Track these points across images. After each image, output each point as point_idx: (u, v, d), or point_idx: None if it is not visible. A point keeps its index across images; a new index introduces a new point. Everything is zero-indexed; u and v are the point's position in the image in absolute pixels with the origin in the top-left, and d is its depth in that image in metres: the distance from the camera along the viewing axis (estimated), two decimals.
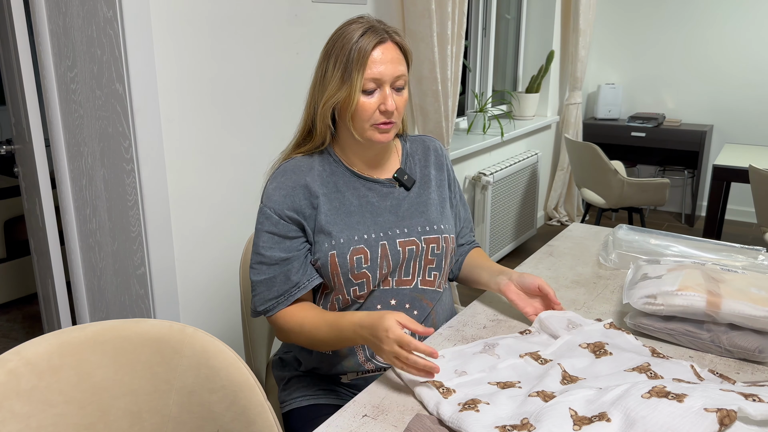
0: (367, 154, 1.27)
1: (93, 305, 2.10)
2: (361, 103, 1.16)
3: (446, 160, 1.40)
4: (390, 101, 1.17)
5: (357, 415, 1.01)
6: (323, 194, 1.23)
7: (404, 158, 1.34)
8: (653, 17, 4.74)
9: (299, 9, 2.16)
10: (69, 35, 1.81)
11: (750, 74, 4.49)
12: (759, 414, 0.85)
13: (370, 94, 1.17)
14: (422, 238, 1.26)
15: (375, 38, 1.16)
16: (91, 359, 0.99)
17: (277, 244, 1.21)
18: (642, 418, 0.85)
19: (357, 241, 1.21)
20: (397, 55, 1.18)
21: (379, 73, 1.15)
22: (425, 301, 1.28)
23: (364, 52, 1.14)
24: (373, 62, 1.15)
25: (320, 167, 1.26)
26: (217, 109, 1.95)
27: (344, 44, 1.16)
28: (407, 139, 1.38)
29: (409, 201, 1.29)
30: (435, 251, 1.27)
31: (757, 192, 2.95)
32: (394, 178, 1.30)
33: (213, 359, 1.00)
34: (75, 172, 1.97)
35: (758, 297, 1.16)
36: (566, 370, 1.07)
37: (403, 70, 1.20)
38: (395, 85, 1.18)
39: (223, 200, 2.02)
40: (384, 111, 1.17)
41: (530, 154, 4.10)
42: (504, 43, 4.44)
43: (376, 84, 1.16)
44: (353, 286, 1.22)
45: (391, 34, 1.19)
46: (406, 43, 1.22)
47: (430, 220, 1.29)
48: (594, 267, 1.62)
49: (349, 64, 1.15)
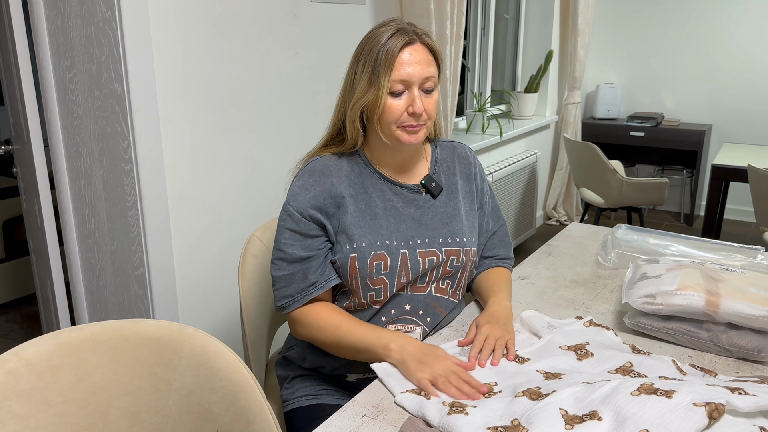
0: (395, 158, 1.26)
1: (92, 305, 2.09)
2: (388, 105, 1.16)
3: (476, 169, 1.37)
4: (418, 103, 1.16)
5: (356, 415, 1.01)
6: (350, 195, 1.23)
7: (433, 164, 1.32)
8: (652, 17, 4.75)
9: (298, 9, 2.16)
10: (68, 35, 1.81)
11: (749, 74, 4.49)
12: (747, 406, 0.86)
13: (398, 96, 1.16)
14: (443, 249, 1.25)
15: (403, 40, 1.15)
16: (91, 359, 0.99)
17: (298, 241, 1.21)
18: (633, 415, 0.86)
19: (378, 247, 1.21)
20: (426, 56, 1.17)
21: (406, 74, 1.15)
22: (439, 308, 1.28)
23: (392, 54, 1.14)
24: (401, 64, 1.14)
25: (348, 168, 1.25)
26: (215, 109, 1.94)
27: (373, 46, 1.16)
28: (438, 144, 1.36)
29: (434, 209, 1.28)
30: (454, 263, 1.27)
31: (755, 191, 2.95)
32: (421, 184, 1.29)
33: (212, 359, 1.00)
34: (74, 173, 1.97)
35: (757, 296, 1.17)
36: (548, 371, 1.08)
37: (433, 72, 1.19)
38: (424, 86, 1.17)
39: (222, 200, 2.02)
40: (412, 113, 1.17)
41: (529, 153, 4.10)
42: (503, 43, 4.44)
43: (404, 86, 1.16)
44: (370, 291, 1.22)
45: (420, 36, 1.18)
46: (436, 44, 1.21)
47: (453, 232, 1.27)
48: (593, 267, 1.62)
49: (377, 66, 1.14)
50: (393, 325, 1.24)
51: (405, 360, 1.08)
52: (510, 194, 3.86)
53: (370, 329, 1.16)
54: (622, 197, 3.60)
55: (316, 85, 2.30)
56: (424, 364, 1.06)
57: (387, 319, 1.24)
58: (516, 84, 4.57)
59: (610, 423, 0.87)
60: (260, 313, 1.48)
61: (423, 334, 1.26)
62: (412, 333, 1.25)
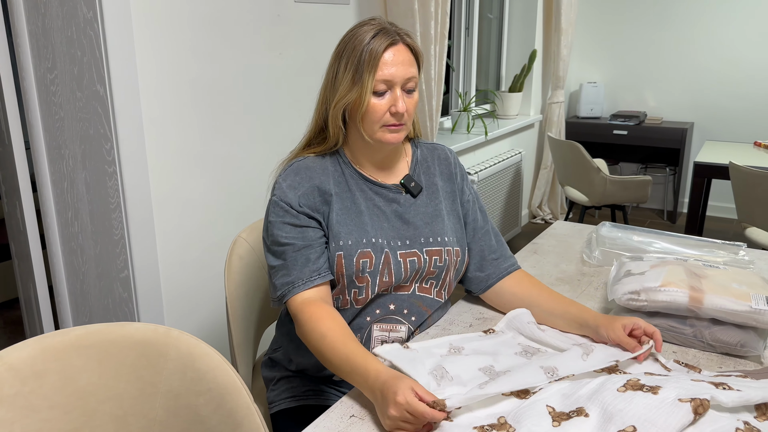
0: (375, 157, 1.26)
1: (76, 309, 2.07)
2: (371, 105, 1.16)
3: (456, 169, 1.37)
4: (401, 103, 1.17)
5: (344, 415, 1.01)
6: (336, 193, 1.23)
7: (414, 164, 1.33)
8: (634, 16, 4.79)
9: (282, 9, 2.16)
10: (48, 36, 1.79)
11: (729, 72, 4.55)
12: (731, 401, 0.88)
13: (380, 95, 1.17)
14: (424, 250, 1.25)
15: (386, 40, 1.15)
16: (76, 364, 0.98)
17: (299, 233, 1.19)
18: (619, 411, 0.86)
19: (365, 244, 1.20)
20: (408, 57, 1.18)
21: (390, 74, 1.15)
22: (423, 307, 1.28)
23: (376, 54, 1.14)
24: (384, 64, 1.15)
25: (332, 167, 1.25)
26: (199, 109, 1.93)
27: (355, 45, 1.16)
28: (419, 145, 1.36)
29: (415, 209, 1.28)
30: (437, 263, 1.26)
31: (737, 188, 2.99)
32: (401, 184, 1.29)
33: (199, 362, 1.00)
34: (56, 175, 1.95)
35: (739, 292, 1.18)
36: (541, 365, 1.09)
37: (414, 72, 1.20)
38: (406, 87, 1.18)
39: (207, 201, 2.01)
40: (395, 113, 1.17)
41: (514, 152, 4.12)
42: (487, 43, 4.46)
43: (387, 86, 1.16)
44: (355, 288, 1.22)
45: (402, 36, 1.19)
46: (417, 45, 1.22)
47: (435, 231, 1.27)
48: (578, 264, 1.63)
49: (361, 65, 1.15)
50: (378, 325, 1.24)
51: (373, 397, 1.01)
52: (495, 193, 3.88)
53: (348, 356, 1.06)
54: (606, 195, 3.63)
55: (300, 85, 2.30)
56: (382, 414, 0.97)
57: (372, 319, 1.24)
58: (500, 83, 4.59)
59: (597, 419, 0.88)
60: (246, 315, 1.47)
61: (408, 333, 1.26)
62: (397, 332, 1.25)
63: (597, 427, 0.87)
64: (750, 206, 2.94)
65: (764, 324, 1.14)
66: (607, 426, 0.86)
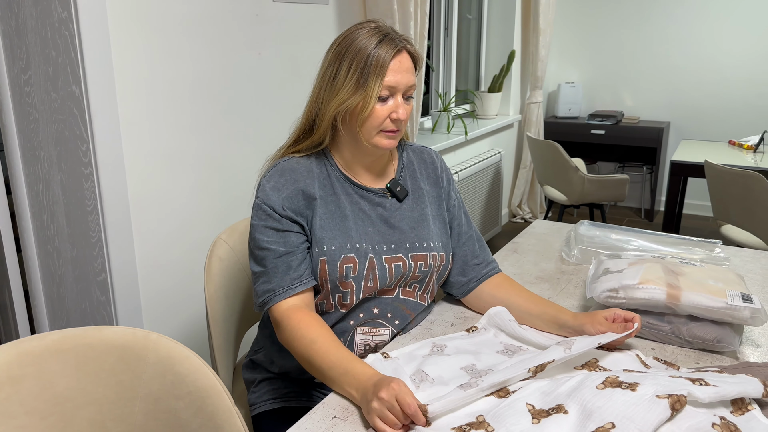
0: (365, 160, 1.26)
1: (53, 313, 2.04)
2: (375, 110, 1.16)
3: (442, 173, 1.37)
4: (402, 110, 1.17)
5: (326, 416, 1.00)
6: (320, 197, 1.22)
7: (400, 168, 1.33)
8: (611, 17, 4.84)
9: (260, 9, 2.14)
10: (22, 36, 1.76)
11: (704, 73, 4.62)
12: (707, 397, 0.89)
13: (384, 101, 1.17)
14: (409, 255, 1.25)
15: (393, 47, 1.16)
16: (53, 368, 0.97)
17: (281, 238, 1.19)
18: (598, 408, 0.87)
19: (348, 249, 1.20)
20: (410, 64, 1.19)
21: (395, 81, 1.16)
22: (407, 311, 1.28)
23: (384, 60, 1.15)
24: (391, 70, 1.15)
25: (317, 169, 1.24)
26: (178, 110, 1.92)
27: (360, 49, 1.15)
28: (406, 148, 1.36)
29: (401, 213, 1.28)
30: (422, 268, 1.26)
31: (712, 187, 3.03)
32: (386, 188, 1.29)
33: (179, 365, 0.99)
34: (31, 177, 1.92)
35: (716, 289, 1.20)
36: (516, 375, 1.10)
37: (415, 80, 1.21)
38: (406, 94, 1.19)
39: (186, 203, 2.00)
40: (395, 119, 1.18)
41: (494, 152, 4.15)
42: (466, 43, 4.48)
43: (390, 92, 1.17)
44: (339, 293, 1.21)
45: (405, 43, 1.19)
46: (418, 51, 1.23)
47: (421, 236, 1.27)
48: (557, 263, 1.65)
49: (366, 70, 1.14)
50: (362, 329, 1.24)
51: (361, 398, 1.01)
52: (476, 193, 3.90)
53: (340, 360, 1.07)
54: (584, 194, 3.67)
55: (279, 84, 2.29)
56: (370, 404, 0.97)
57: (355, 323, 1.24)
58: (480, 84, 4.61)
59: (576, 416, 0.89)
60: (227, 317, 1.46)
61: (391, 336, 1.26)
62: (380, 336, 1.25)
63: (576, 423, 0.87)
64: (725, 204, 2.99)
65: (739, 320, 1.16)
66: (587, 423, 0.87)
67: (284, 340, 1.17)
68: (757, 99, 4.49)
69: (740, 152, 3.60)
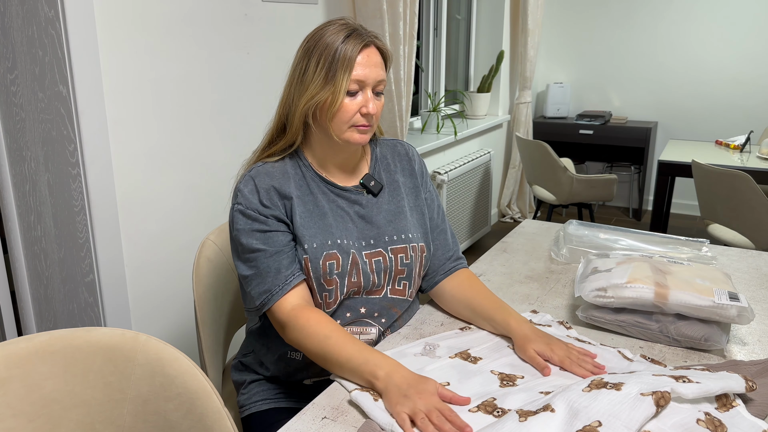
0: (338, 157, 1.26)
1: (40, 315, 2.03)
2: (344, 105, 1.16)
3: (416, 165, 1.37)
4: (371, 104, 1.17)
5: (316, 417, 1.00)
6: (297, 197, 1.22)
7: (373, 163, 1.33)
8: (599, 17, 4.87)
9: (249, 8, 2.14)
10: (8, 36, 1.74)
11: (691, 73, 4.66)
12: (691, 393, 0.90)
13: (353, 96, 1.17)
14: (389, 248, 1.25)
15: (360, 41, 1.16)
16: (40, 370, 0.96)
17: (269, 239, 1.18)
18: (585, 408, 0.88)
19: (330, 246, 1.20)
20: (379, 59, 1.19)
21: (363, 75, 1.16)
22: (394, 309, 1.28)
23: (351, 54, 1.15)
24: (359, 64, 1.16)
25: (292, 171, 1.24)
26: (166, 110, 1.91)
27: (328, 45, 1.16)
28: (378, 143, 1.37)
29: (378, 208, 1.28)
30: (404, 261, 1.26)
31: (699, 186, 3.06)
32: (360, 184, 1.29)
33: (168, 367, 0.98)
34: (17, 178, 1.90)
35: (703, 287, 1.21)
36: (502, 371, 1.11)
37: (384, 75, 1.21)
38: (376, 89, 1.19)
39: (174, 203, 1.99)
40: (365, 114, 1.18)
41: (483, 152, 4.16)
42: (455, 44, 4.49)
43: (359, 86, 1.17)
44: (325, 291, 1.21)
45: (373, 39, 1.19)
46: (387, 47, 1.23)
47: (399, 229, 1.28)
48: (546, 262, 1.65)
49: (334, 65, 1.15)
50: (349, 328, 1.24)
51: (388, 390, 1.01)
52: (465, 193, 3.91)
53: (360, 350, 1.08)
54: (573, 194, 3.69)
55: (268, 84, 2.28)
56: (407, 397, 0.99)
57: (342, 322, 1.24)
58: (469, 84, 4.62)
59: (563, 415, 0.89)
60: (216, 318, 1.45)
61: (378, 334, 1.26)
62: (367, 335, 1.25)
63: (563, 422, 0.88)
64: (712, 203, 3.01)
65: (726, 318, 1.17)
66: (573, 422, 0.87)
67: (294, 340, 1.16)
68: (744, 99, 4.54)
69: (727, 152, 3.63)
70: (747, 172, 2.76)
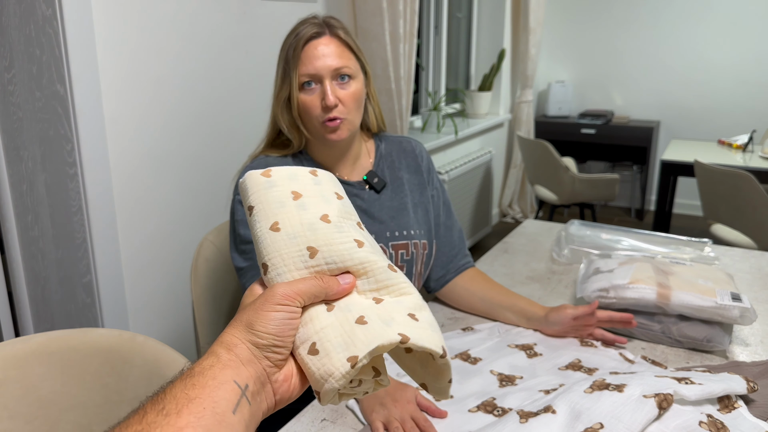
0: (332, 154, 1.25)
1: (37, 316, 2.02)
2: (301, 100, 1.16)
3: (423, 162, 1.36)
4: (328, 94, 1.14)
5: (316, 419, 0.99)
6: None
7: (377, 160, 1.32)
8: (602, 17, 4.86)
9: (247, 7, 2.13)
10: (5, 34, 1.73)
11: (694, 72, 4.64)
12: (694, 395, 0.90)
13: (309, 90, 1.16)
14: (390, 244, 1.24)
15: (309, 32, 1.15)
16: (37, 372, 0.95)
17: None
18: (587, 410, 0.88)
19: None
20: (336, 48, 1.16)
21: (313, 68, 1.14)
22: None
23: (296, 48, 1.15)
24: (307, 57, 1.15)
25: (294, 163, 1.24)
26: (164, 109, 1.90)
27: (285, 42, 1.19)
28: (384, 140, 1.35)
29: (380, 204, 1.27)
30: (404, 257, 1.26)
31: (702, 186, 3.05)
32: (363, 180, 1.28)
33: (165, 368, 0.97)
34: (14, 178, 1.89)
35: (705, 288, 1.20)
36: (502, 371, 1.10)
37: (346, 62, 1.17)
38: (341, 74, 1.17)
39: (172, 203, 1.98)
40: (324, 106, 1.15)
41: (484, 152, 4.14)
42: (456, 42, 4.48)
43: (314, 80, 1.15)
44: None
45: (331, 28, 1.17)
46: (348, 35, 1.20)
47: (401, 225, 1.27)
48: (548, 262, 1.64)
49: (288, 62, 1.16)
50: None
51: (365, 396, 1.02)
52: (466, 192, 3.89)
53: None
54: (575, 194, 3.67)
55: (267, 83, 2.27)
56: (383, 405, 0.98)
57: None
58: (470, 83, 4.61)
59: (565, 417, 0.88)
60: (214, 319, 1.44)
61: None
62: None
63: (565, 424, 0.87)
64: (715, 203, 3.00)
65: (729, 319, 1.16)
66: (575, 424, 0.86)
67: None
68: (747, 99, 4.52)
69: (730, 151, 3.62)
70: (750, 172, 2.75)
